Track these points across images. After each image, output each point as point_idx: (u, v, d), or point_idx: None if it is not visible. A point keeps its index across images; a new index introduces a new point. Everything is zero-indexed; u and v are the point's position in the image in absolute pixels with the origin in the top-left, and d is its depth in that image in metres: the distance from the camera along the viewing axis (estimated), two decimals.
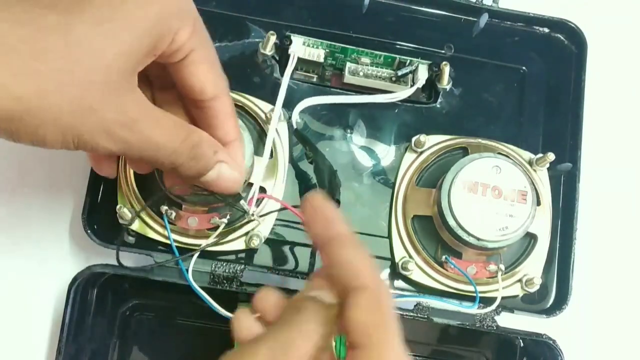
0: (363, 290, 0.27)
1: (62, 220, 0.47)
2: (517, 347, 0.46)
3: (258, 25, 0.48)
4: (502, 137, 0.47)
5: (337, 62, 0.47)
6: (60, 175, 0.47)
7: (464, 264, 0.43)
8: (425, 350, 0.48)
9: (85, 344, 0.43)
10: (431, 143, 0.46)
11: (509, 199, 0.41)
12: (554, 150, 0.44)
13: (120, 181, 0.42)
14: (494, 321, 0.43)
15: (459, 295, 0.44)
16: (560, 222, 0.46)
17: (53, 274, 0.45)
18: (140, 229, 0.42)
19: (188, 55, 0.32)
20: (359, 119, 0.47)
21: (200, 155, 0.33)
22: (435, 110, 0.48)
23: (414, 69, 0.46)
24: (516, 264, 0.44)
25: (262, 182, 0.42)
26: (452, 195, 0.41)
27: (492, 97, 0.49)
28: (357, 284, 0.27)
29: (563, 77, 0.49)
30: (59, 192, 0.47)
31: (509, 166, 0.42)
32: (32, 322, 0.45)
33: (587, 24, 0.48)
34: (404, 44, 0.49)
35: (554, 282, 0.46)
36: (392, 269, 0.45)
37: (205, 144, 0.34)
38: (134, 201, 0.42)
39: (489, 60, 0.50)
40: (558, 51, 0.49)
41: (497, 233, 0.41)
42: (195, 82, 0.34)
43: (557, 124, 0.49)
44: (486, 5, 0.47)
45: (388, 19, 0.48)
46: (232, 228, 0.42)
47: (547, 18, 0.48)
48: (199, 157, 0.33)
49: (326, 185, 0.41)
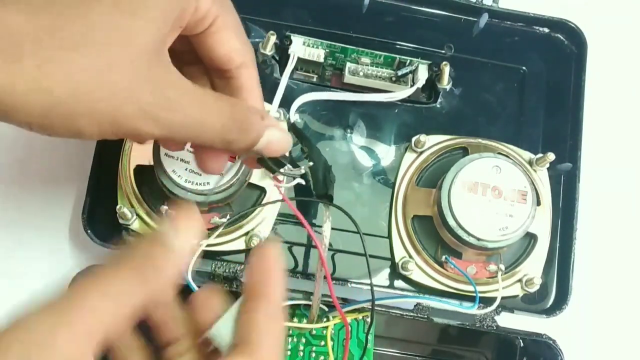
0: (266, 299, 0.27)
1: (62, 220, 0.46)
2: (517, 347, 0.46)
3: (258, 25, 0.48)
4: (502, 137, 0.47)
5: (337, 62, 0.47)
6: (60, 175, 0.47)
7: (464, 264, 0.43)
8: (425, 350, 0.48)
9: None
10: (431, 143, 0.46)
11: (509, 199, 0.41)
12: (554, 150, 0.44)
13: (120, 181, 0.42)
14: (494, 321, 0.43)
15: (459, 295, 0.43)
16: (560, 222, 0.46)
17: (53, 274, 0.45)
18: (140, 229, 0.42)
19: (212, 23, 0.31)
20: (359, 118, 0.47)
21: (250, 126, 0.32)
22: (435, 110, 0.48)
23: (414, 69, 0.46)
24: (516, 264, 0.44)
25: (262, 181, 0.42)
26: (452, 195, 0.41)
27: (492, 97, 0.49)
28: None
29: (563, 77, 0.49)
30: (59, 192, 0.47)
31: (509, 166, 0.42)
32: None
33: (587, 24, 0.48)
34: (404, 44, 0.49)
35: (554, 282, 0.46)
36: (392, 269, 0.45)
37: (252, 113, 0.32)
38: (134, 201, 0.42)
39: (489, 60, 0.50)
40: (558, 51, 0.49)
41: (497, 233, 0.41)
42: (221, 50, 0.32)
43: (557, 124, 0.49)
44: (486, 5, 0.47)
45: (388, 19, 0.48)
46: (234, 227, 0.42)
47: (547, 18, 0.48)
48: (249, 129, 0.32)
49: (320, 181, 0.41)
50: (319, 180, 0.41)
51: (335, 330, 0.42)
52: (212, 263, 0.42)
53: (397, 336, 0.48)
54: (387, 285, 0.44)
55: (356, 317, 0.42)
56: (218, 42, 0.32)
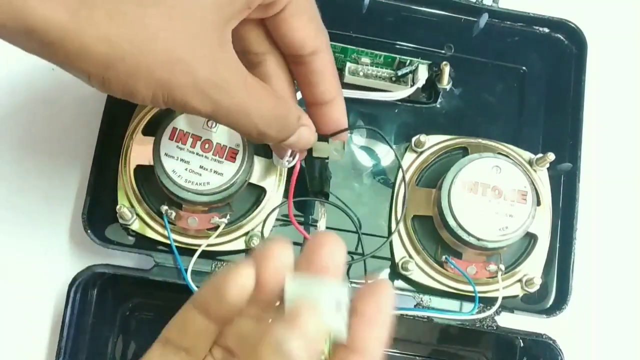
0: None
1: (62, 220, 0.46)
2: (517, 347, 0.46)
3: None
4: (502, 137, 0.47)
5: (337, 62, 0.47)
6: (60, 175, 0.47)
7: (464, 264, 0.43)
8: (425, 350, 0.48)
9: (85, 344, 0.43)
10: (431, 143, 0.46)
11: (509, 199, 0.41)
12: (554, 150, 0.44)
13: (120, 181, 0.42)
14: (494, 321, 0.43)
15: (459, 295, 0.44)
16: (560, 222, 0.46)
17: (53, 274, 0.45)
18: (140, 229, 0.42)
19: (286, 7, 0.31)
20: (359, 119, 0.47)
21: (287, 125, 0.33)
22: (435, 110, 0.48)
23: (414, 69, 0.46)
24: (516, 264, 0.44)
25: (262, 181, 0.42)
26: (452, 195, 0.41)
27: (492, 97, 0.50)
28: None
29: (563, 77, 0.49)
30: (59, 192, 0.47)
31: (509, 166, 0.42)
32: (32, 322, 0.45)
33: (587, 24, 0.48)
34: (404, 44, 0.49)
35: (554, 282, 0.46)
36: (392, 269, 0.45)
37: (291, 113, 0.33)
38: (134, 201, 0.42)
39: (489, 60, 0.50)
40: (558, 51, 0.49)
41: (497, 233, 0.41)
42: (295, 36, 0.32)
43: (557, 124, 0.49)
44: (486, 5, 0.47)
45: (388, 19, 0.48)
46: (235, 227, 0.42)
47: (547, 18, 0.48)
48: (285, 128, 0.32)
49: (316, 178, 0.41)
50: (314, 177, 0.41)
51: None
52: (212, 263, 0.42)
53: (397, 336, 0.48)
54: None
55: None
56: (291, 27, 0.32)
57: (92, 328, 0.43)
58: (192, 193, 0.39)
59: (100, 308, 0.44)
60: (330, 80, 0.35)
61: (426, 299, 0.44)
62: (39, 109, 0.48)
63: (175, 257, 0.41)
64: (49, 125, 0.48)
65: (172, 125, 0.39)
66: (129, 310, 0.46)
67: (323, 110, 0.36)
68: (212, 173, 0.39)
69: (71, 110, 0.48)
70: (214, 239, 0.42)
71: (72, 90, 0.49)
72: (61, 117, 0.48)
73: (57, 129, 0.48)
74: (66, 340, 0.41)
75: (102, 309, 0.44)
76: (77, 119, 0.48)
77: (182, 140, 0.39)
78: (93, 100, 0.47)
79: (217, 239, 0.42)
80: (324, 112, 0.36)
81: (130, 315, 0.46)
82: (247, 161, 0.39)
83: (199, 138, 0.39)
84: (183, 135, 0.39)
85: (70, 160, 0.47)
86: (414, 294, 0.44)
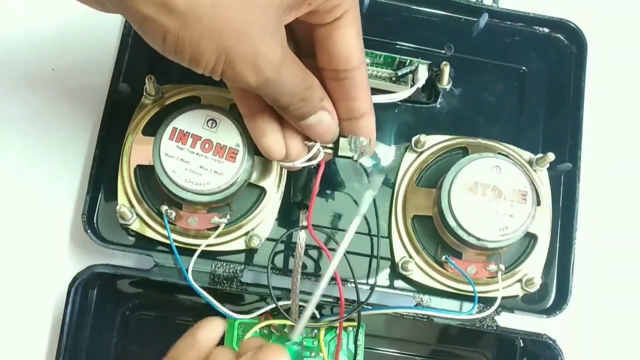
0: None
1: (62, 220, 0.47)
2: (517, 347, 0.46)
3: None
4: (502, 137, 0.47)
5: None
6: (60, 175, 0.47)
7: (464, 264, 0.43)
8: (425, 350, 0.48)
9: (85, 344, 0.43)
10: (431, 143, 0.46)
11: (509, 199, 0.41)
12: (554, 150, 0.44)
13: (120, 181, 0.42)
14: (494, 321, 0.43)
15: (459, 295, 0.44)
16: (560, 222, 0.46)
17: (53, 274, 0.45)
18: (140, 229, 0.42)
19: (342, 16, 0.31)
20: None
21: (310, 97, 0.33)
22: (435, 110, 0.48)
23: (414, 69, 0.46)
24: (516, 264, 0.44)
25: (262, 181, 0.42)
26: (452, 195, 0.41)
27: (492, 97, 0.50)
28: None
29: (563, 77, 0.49)
30: (59, 192, 0.47)
31: (509, 166, 0.42)
32: (32, 322, 0.45)
33: (587, 24, 0.48)
34: (404, 44, 0.49)
35: (554, 282, 0.46)
36: (392, 269, 0.45)
37: (316, 88, 0.33)
38: (134, 201, 0.42)
39: (489, 60, 0.50)
40: (558, 51, 0.49)
41: (497, 233, 0.41)
42: (343, 48, 0.32)
43: (557, 124, 0.49)
44: (486, 5, 0.48)
45: (388, 19, 0.48)
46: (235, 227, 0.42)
47: (547, 18, 0.48)
48: (308, 99, 0.33)
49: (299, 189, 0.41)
50: (298, 188, 0.41)
51: (326, 342, 0.42)
52: (212, 263, 0.42)
53: (397, 336, 0.48)
54: (387, 285, 0.44)
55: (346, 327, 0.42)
56: (342, 38, 0.32)
57: (92, 328, 0.43)
58: (192, 193, 0.39)
59: (100, 308, 0.44)
60: (365, 94, 0.35)
61: (426, 299, 0.44)
62: (39, 109, 0.48)
63: (175, 257, 0.41)
64: (49, 125, 0.48)
65: (172, 125, 0.39)
66: (129, 310, 0.46)
67: (358, 124, 0.36)
68: (212, 173, 0.39)
69: (71, 110, 0.48)
70: (214, 239, 0.42)
71: (72, 90, 0.49)
72: (61, 117, 0.48)
73: (56, 128, 0.48)
74: (66, 340, 0.41)
75: (102, 309, 0.44)
76: (77, 119, 0.48)
77: (182, 140, 0.39)
78: (93, 101, 0.47)
79: (217, 239, 0.42)
80: (360, 125, 0.36)
81: (130, 315, 0.46)
82: (247, 161, 0.39)
83: (199, 138, 0.39)
84: (183, 135, 0.39)
85: (70, 160, 0.47)
86: (414, 294, 0.44)
